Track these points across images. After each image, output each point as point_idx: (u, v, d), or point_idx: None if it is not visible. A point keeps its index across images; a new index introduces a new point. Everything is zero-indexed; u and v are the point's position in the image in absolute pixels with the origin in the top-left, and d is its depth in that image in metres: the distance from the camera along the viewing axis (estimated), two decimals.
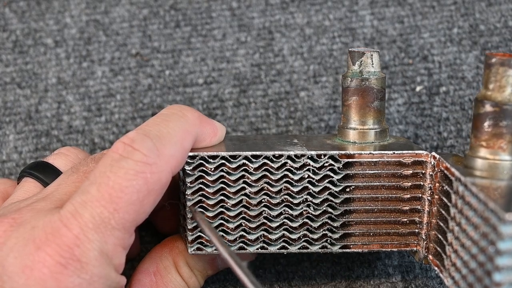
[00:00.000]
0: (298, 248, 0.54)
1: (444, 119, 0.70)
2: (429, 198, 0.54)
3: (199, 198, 0.53)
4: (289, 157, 0.53)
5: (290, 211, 0.54)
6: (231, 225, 0.53)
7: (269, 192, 0.53)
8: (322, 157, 0.53)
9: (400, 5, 0.76)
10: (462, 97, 0.71)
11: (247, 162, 0.53)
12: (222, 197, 0.53)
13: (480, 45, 0.73)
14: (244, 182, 0.53)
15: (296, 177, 0.53)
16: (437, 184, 0.53)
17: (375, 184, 0.54)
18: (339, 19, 0.75)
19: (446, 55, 0.73)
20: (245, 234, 0.54)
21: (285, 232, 0.54)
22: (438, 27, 0.74)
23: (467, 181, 0.47)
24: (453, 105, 0.70)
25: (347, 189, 0.54)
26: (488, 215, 0.43)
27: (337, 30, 0.75)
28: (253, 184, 0.53)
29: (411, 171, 0.54)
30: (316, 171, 0.53)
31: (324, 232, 0.54)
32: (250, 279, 0.45)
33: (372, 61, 0.56)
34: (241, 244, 0.54)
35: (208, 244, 0.53)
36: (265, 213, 0.53)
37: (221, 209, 0.53)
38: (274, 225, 0.54)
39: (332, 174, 0.53)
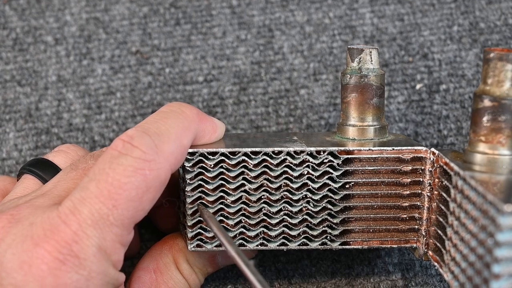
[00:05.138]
0: (298, 245, 0.54)
1: (444, 117, 0.70)
2: (428, 194, 0.54)
3: (199, 194, 0.53)
4: (288, 154, 0.53)
5: (290, 208, 0.54)
6: (230, 222, 0.53)
7: (269, 189, 0.53)
8: (322, 153, 0.53)
9: (400, 3, 0.76)
10: (462, 95, 0.71)
11: (246, 159, 0.53)
12: (221, 194, 0.53)
13: (480, 43, 0.73)
14: (244, 179, 0.53)
15: (295, 174, 0.53)
16: (436, 180, 0.53)
17: (375, 180, 0.54)
18: (339, 17, 0.75)
19: (446, 53, 0.73)
20: (244, 230, 0.53)
21: (285, 229, 0.54)
22: (438, 25, 0.74)
23: (466, 174, 0.47)
24: (453, 103, 0.70)
25: (347, 186, 0.54)
26: (486, 208, 0.43)
27: (337, 28, 0.75)
28: (253, 180, 0.53)
29: (410, 167, 0.54)
30: (316, 167, 0.53)
31: (323, 228, 0.54)
32: (257, 277, 0.45)
33: (371, 58, 0.56)
34: (241, 241, 0.54)
35: (208, 241, 0.53)
36: (264, 209, 0.53)
37: (221, 206, 0.53)
38: (273, 221, 0.54)
39: (331, 171, 0.53)
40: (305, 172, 0.53)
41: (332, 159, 0.53)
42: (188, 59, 0.73)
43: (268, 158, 0.53)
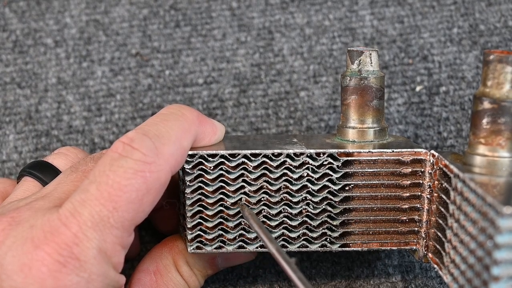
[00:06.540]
0: (298, 247, 0.54)
1: (444, 119, 0.70)
2: (428, 196, 0.54)
3: (199, 196, 0.53)
4: (288, 156, 0.53)
5: (290, 210, 0.54)
6: (230, 224, 0.53)
7: (268, 191, 0.53)
8: (321, 155, 0.53)
9: (400, 5, 0.76)
10: (462, 97, 0.71)
11: (246, 161, 0.53)
12: (221, 196, 0.53)
13: (480, 45, 0.73)
14: (244, 181, 0.53)
15: (295, 176, 0.53)
16: (436, 182, 0.53)
17: (374, 182, 0.54)
18: (339, 19, 0.75)
19: (446, 55, 0.73)
20: (244, 232, 0.53)
21: (285, 231, 0.54)
22: (438, 27, 0.74)
23: (466, 177, 0.47)
24: (453, 105, 0.70)
25: (346, 188, 0.54)
26: (486, 210, 0.43)
27: (337, 30, 0.75)
28: (253, 182, 0.53)
29: (410, 170, 0.54)
30: (315, 169, 0.53)
31: (323, 230, 0.54)
32: (297, 275, 0.45)
33: (371, 60, 0.56)
34: (240, 243, 0.54)
35: (207, 243, 0.53)
36: (264, 211, 0.53)
37: (221, 208, 0.53)
38: (273, 223, 0.54)
39: (331, 173, 0.53)
40: (305, 174, 0.53)
41: (332, 161, 0.53)
42: (188, 61, 0.73)
43: (268, 160, 0.53)
